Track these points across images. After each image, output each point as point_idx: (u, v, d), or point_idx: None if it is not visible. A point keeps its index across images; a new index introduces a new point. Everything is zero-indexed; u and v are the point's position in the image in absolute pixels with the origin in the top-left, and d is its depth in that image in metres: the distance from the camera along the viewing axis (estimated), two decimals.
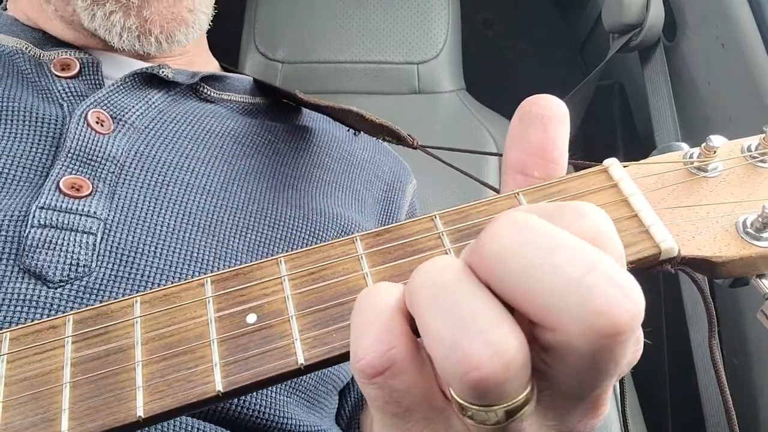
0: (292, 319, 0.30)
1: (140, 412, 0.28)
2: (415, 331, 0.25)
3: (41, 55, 0.55)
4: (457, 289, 0.24)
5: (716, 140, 0.32)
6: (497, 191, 0.55)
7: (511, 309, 0.23)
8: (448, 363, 0.22)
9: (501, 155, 0.34)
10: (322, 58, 1.21)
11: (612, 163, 0.33)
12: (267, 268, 0.31)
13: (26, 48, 0.55)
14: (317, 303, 0.30)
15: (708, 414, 0.93)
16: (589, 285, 0.22)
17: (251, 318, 0.30)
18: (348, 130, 0.67)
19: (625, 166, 0.33)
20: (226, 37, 0.80)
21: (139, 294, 0.32)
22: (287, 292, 0.30)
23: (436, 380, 0.26)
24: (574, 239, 0.23)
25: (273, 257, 0.32)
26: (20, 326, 0.31)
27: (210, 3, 0.59)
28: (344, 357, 0.29)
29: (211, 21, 0.61)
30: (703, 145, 0.33)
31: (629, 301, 0.21)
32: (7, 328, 0.42)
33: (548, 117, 0.31)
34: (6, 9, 0.64)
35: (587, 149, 1.45)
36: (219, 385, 0.28)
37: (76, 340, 0.30)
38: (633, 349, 0.26)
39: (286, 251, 0.53)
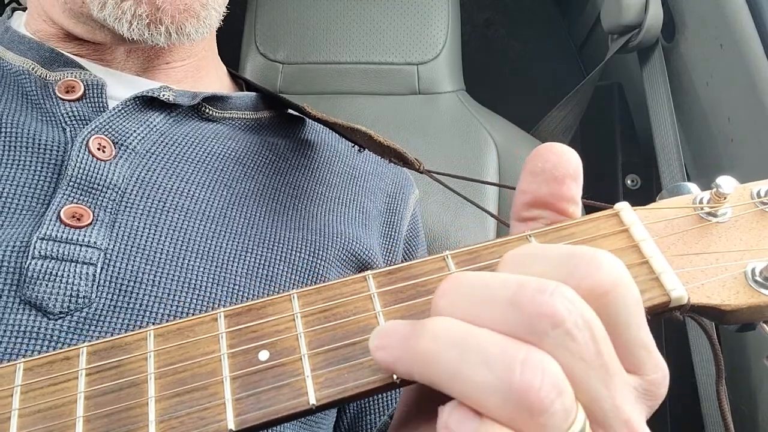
0: (304, 357, 0.30)
1: None
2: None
3: (47, 76, 0.54)
4: (475, 334, 0.24)
5: (726, 186, 0.31)
6: (494, 216, 0.55)
7: None
8: (510, 399, 0.23)
9: (508, 187, 0.34)
10: (323, 59, 1.21)
11: (623, 207, 0.33)
12: (279, 304, 0.31)
13: (32, 68, 0.54)
14: (330, 342, 0.30)
15: (707, 414, 0.94)
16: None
17: (263, 355, 0.30)
18: (352, 146, 0.66)
19: (635, 210, 0.33)
20: (226, 38, 0.79)
21: (153, 327, 0.32)
22: (299, 330, 0.30)
23: None
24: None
25: (285, 293, 0.32)
26: (34, 357, 0.31)
27: (223, 1, 0.59)
28: (355, 397, 0.29)
29: None
30: (714, 190, 0.33)
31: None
32: (7, 360, 0.42)
33: (562, 176, 0.31)
34: (11, 16, 0.64)
35: (586, 150, 1.46)
36: (231, 424, 0.28)
37: (89, 372, 0.30)
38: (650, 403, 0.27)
39: (286, 272, 0.53)
